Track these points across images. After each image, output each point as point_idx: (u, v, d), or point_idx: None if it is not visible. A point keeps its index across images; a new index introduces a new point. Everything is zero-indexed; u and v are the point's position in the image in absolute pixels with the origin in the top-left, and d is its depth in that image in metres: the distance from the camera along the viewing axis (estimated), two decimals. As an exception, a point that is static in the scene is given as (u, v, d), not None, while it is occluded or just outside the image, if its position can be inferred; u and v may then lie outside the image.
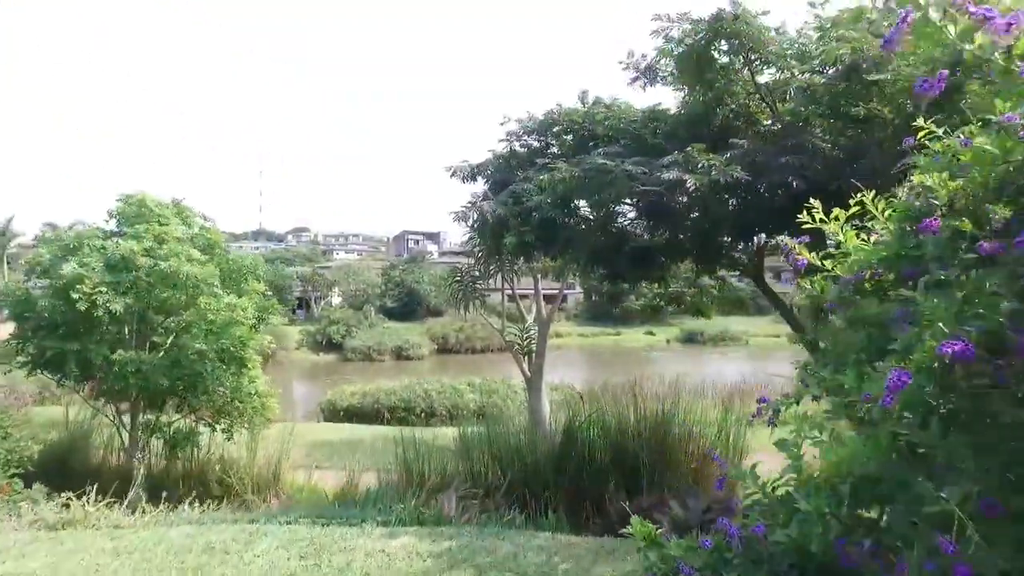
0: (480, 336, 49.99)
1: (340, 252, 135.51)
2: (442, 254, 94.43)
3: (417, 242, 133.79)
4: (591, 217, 6.73)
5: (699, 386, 26.82)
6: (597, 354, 51.32)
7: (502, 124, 7.16)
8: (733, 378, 28.52)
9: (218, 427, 9.84)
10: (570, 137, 6.92)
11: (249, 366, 9.49)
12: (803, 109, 5.51)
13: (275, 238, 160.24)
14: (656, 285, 9.04)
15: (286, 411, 25.16)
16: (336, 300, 67.94)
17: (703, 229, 6.20)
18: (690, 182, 4.95)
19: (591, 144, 6.38)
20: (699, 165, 5.21)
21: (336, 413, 23.39)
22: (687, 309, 9.30)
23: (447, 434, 10.28)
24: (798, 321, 7.37)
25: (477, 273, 14.43)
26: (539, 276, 14.71)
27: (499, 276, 15.18)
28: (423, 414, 21.91)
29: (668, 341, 56.61)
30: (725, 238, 6.69)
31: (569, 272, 11.58)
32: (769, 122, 6.02)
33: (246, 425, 9.88)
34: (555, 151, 6.86)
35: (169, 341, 8.76)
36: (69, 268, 8.22)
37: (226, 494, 9.81)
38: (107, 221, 9.49)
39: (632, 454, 8.37)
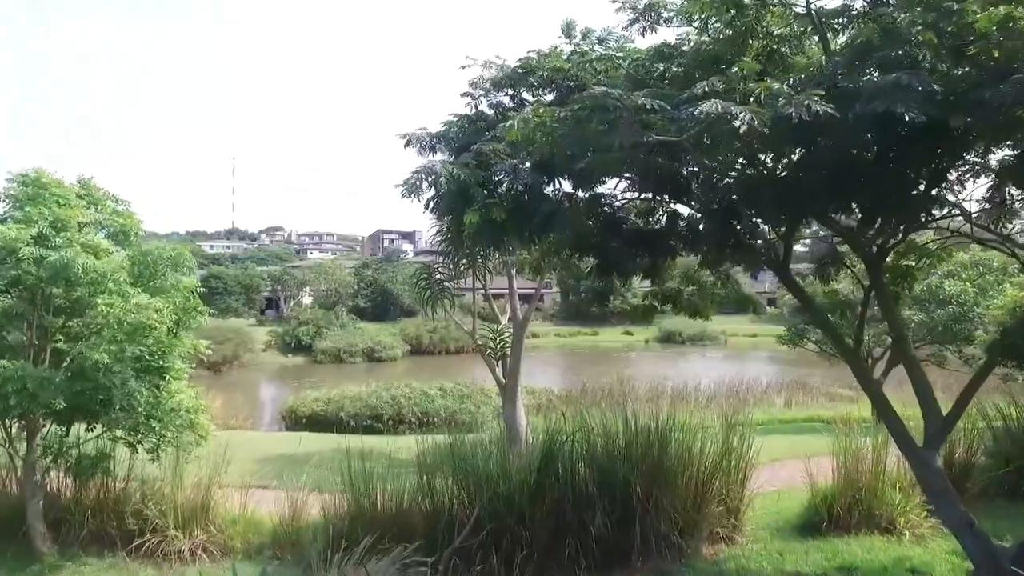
0: (455, 337, 48.57)
1: (314, 251, 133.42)
2: (417, 253, 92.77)
3: (392, 241, 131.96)
4: (581, 193, 5.40)
5: (683, 389, 26.00)
6: (575, 355, 50.32)
7: (464, 68, 5.76)
8: (716, 379, 27.63)
9: (140, 447, 8.33)
10: (551, 95, 5.55)
11: (170, 377, 7.99)
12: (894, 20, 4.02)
13: (248, 237, 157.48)
14: (651, 281, 7.74)
15: (246, 419, 23.78)
16: (307, 300, 65.99)
17: (731, 204, 4.87)
18: (744, 117, 3.51)
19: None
20: (753, 95, 3.76)
21: (298, 421, 21.87)
22: (684, 310, 7.97)
23: (413, 446, 8.80)
24: (833, 329, 6.17)
25: (446, 271, 13.09)
26: (514, 274, 13.36)
27: (472, 274, 13.86)
28: (391, 421, 20.52)
29: (647, 341, 55.83)
30: (756, 221, 5.35)
31: (548, 266, 10.23)
32: (816, 61, 4.70)
33: (170, 444, 8.39)
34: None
35: (75, 349, 7.26)
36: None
37: (144, 528, 8.34)
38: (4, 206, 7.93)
39: (622, 479, 7.10)
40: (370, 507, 7.57)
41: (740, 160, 4.86)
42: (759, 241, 5.66)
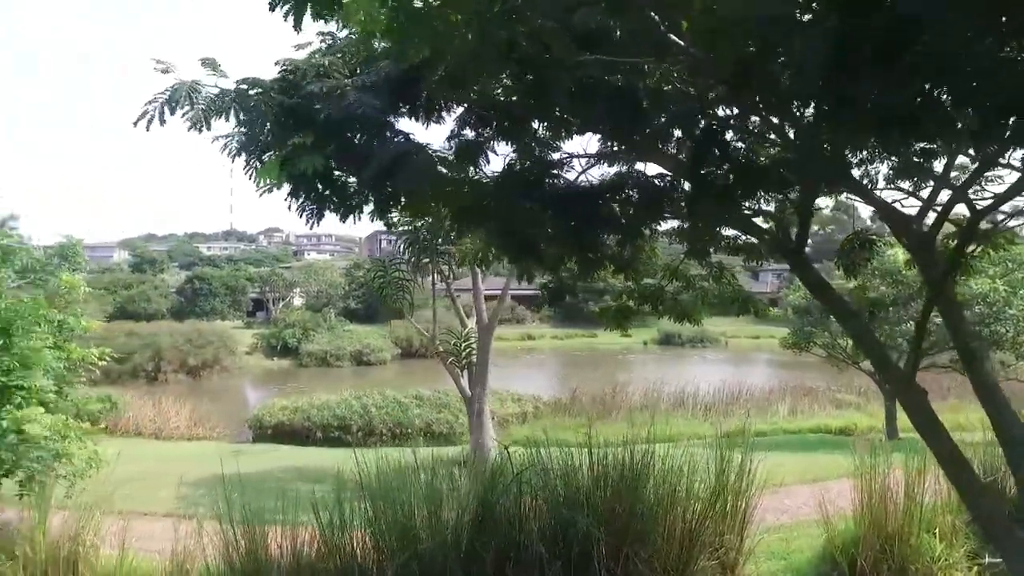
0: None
1: (312, 253, 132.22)
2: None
3: (390, 242, 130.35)
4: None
5: (680, 394, 24.31)
6: (570, 358, 48.69)
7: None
8: (716, 384, 25.91)
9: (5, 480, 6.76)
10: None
11: (20, 400, 6.37)
12: None
13: (246, 239, 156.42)
14: (623, 277, 6.07)
15: (213, 428, 22.16)
16: (298, 302, 64.33)
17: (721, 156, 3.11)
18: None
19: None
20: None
21: (264, 431, 20.24)
22: (668, 312, 6.30)
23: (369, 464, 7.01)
24: (874, 342, 4.49)
25: (404, 268, 11.50)
26: (480, 272, 11.72)
27: (432, 272, 12.26)
28: (360, 433, 18.80)
29: (645, 343, 54.08)
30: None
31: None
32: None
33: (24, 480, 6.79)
34: None
35: None
36: None
37: (-7, 587, 6.71)
38: None
39: (584, 532, 5.42)
40: (265, 561, 5.91)
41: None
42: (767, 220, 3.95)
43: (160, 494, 11.12)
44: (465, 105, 3.96)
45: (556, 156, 4.67)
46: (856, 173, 4.84)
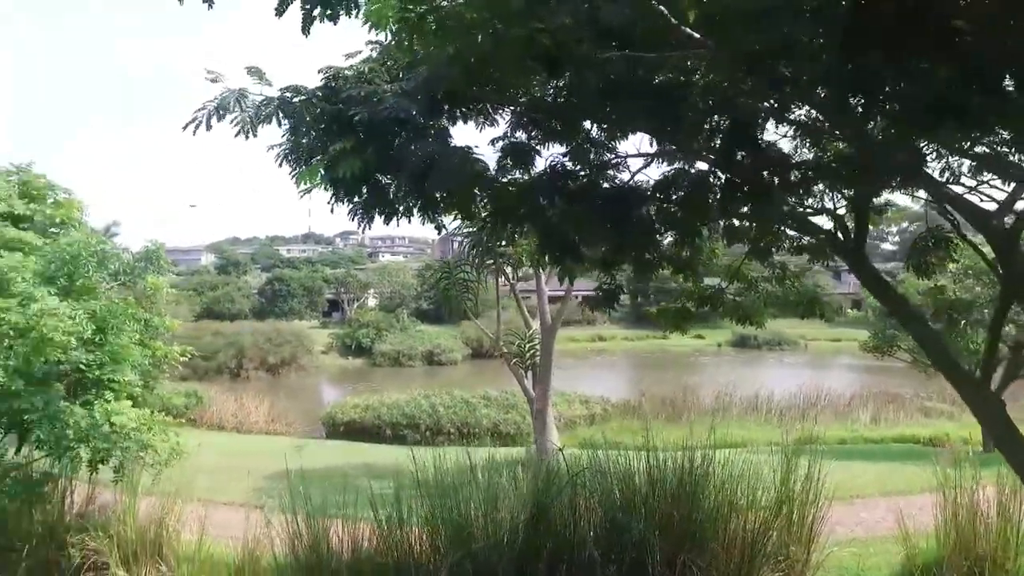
0: (516, 340, 47.06)
1: (386, 255, 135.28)
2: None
3: (462, 243, 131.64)
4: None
5: (753, 399, 23.51)
6: (642, 360, 47.99)
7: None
8: (792, 389, 24.90)
9: (79, 467, 7.29)
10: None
11: (111, 394, 6.85)
12: None
13: (324, 241, 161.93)
14: (683, 278, 5.95)
15: (290, 424, 23.11)
16: (372, 303, 66.13)
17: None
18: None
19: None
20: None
21: (336, 428, 20.95)
22: (729, 314, 6.13)
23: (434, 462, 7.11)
24: (940, 346, 4.23)
25: (469, 269, 11.67)
26: (543, 273, 11.72)
27: (496, 273, 12.37)
28: (428, 431, 19.16)
29: (719, 345, 52.66)
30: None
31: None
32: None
33: (115, 466, 7.31)
34: None
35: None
36: None
37: (86, 564, 7.26)
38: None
39: (639, 537, 5.35)
40: (327, 553, 6.13)
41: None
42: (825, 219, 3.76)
43: (237, 485, 11.67)
44: (514, 108, 3.99)
45: (608, 156, 4.62)
46: (936, 168, 4.59)
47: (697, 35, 2.56)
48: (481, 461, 8.62)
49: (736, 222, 4.87)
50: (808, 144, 3.83)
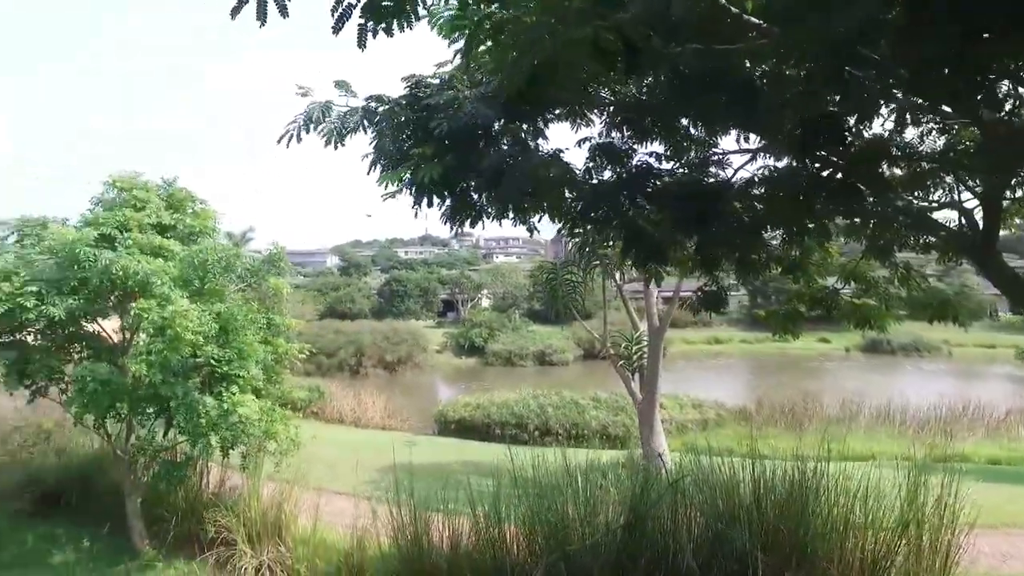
0: (628, 341, 46.26)
1: (500, 256, 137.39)
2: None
3: (566, 243, 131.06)
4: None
5: (884, 409, 21.62)
6: (760, 364, 45.67)
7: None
8: (933, 400, 22.66)
9: (211, 451, 7.97)
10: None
11: (236, 387, 7.42)
12: None
13: (439, 243, 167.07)
14: (792, 279, 5.61)
15: (404, 420, 24.03)
16: (486, 303, 67.45)
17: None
18: None
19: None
20: None
21: (448, 426, 21.53)
22: (845, 317, 5.69)
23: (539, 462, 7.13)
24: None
25: (576, 270, 11.64)
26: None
27: (604, 274, 12.23)
28: (536, 432, 19.25)
29: (847, 350, 49.16)
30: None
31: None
32: None
33: (247, 454, 7.97)
34: None
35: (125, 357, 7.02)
36: (0, 262, 6.78)
37: (219, 539, 7.96)
38: (91, 209, 7.99)
39: (741, 549, 5.09)
40: (428, 547, 6.32)
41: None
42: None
43: (350, 476, 12.27)
44: (604, 108, 3.92)
45: (706, 153, 4.44)
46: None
47: (761, 22, 2.39)
48: (583, 463, 8.58)
49: (855, 220, 4.51)
50: (927, 132, 3.47)
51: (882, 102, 2.94)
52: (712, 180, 4.24)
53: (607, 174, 3.97)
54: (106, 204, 7.74)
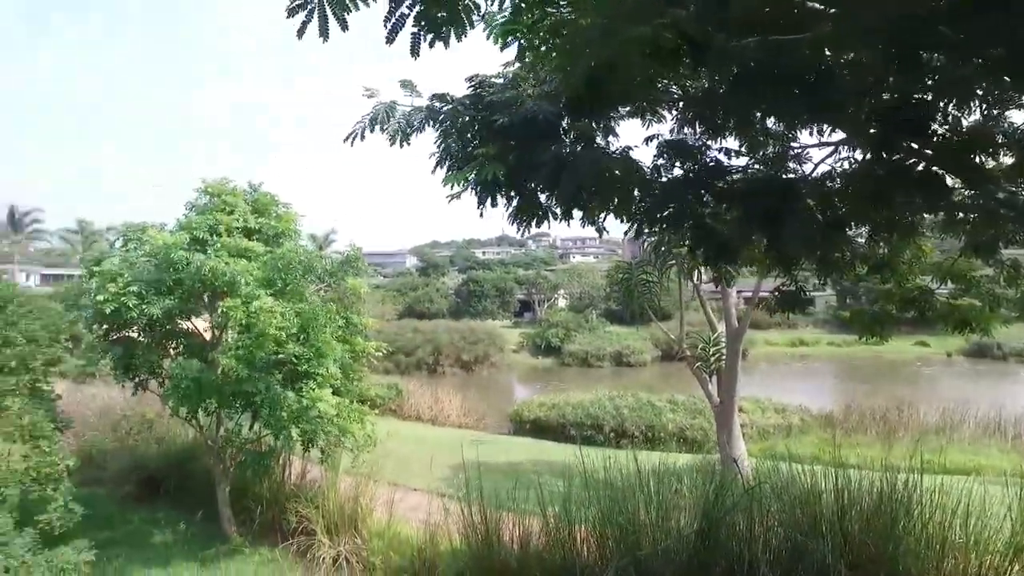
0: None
1: (576, 256, 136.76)
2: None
3: (643, 243, 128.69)
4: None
5: (994, 418, 19.96)
6: (851, 367, 43.35)
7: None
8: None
9: (293, 444, 8.31)
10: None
11: (314, 384, 7.70)
12: None
13: (516, 243, 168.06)
14: (880, 279, 5.27)
15: (479, 419, 24.29)
16: (562, 303, 67.31)
17: None
18: None
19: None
20: None
21: (522, 425, 21.61)
22: (941, 319, 5.29)
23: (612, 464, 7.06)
24: None
25: (651, 269, 11.44)
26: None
27: (680, 274, 11.93)
28: (612, 433, 19.02)
29: (949, 355, 45.98)
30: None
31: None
32: None
33: (322, 447, 8.26)
34: None
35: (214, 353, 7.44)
36: (107, 264, 7.34)
37: (299, 528, 8.30)
38: (185, 214, 8.52)
39: (822, 566, 4.82)
40: (498, 545, 6.34)
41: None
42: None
43: (426, 472, 12.50)
44: (673, 104, 3.80)
45: (784, 147, 4.23)
46: None
47: (824, 7, 2.22)
48: (657, 466, 8.39)
49: (954, 214, 4.19)
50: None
51: (975, 88, 2.70)
52: (789, 176, 4.03)
53: (677, 171, 3.84)
54: (198, 209, 8.24)
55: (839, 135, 4.00)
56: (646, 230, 4.05)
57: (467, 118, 3.40)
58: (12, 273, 50.20)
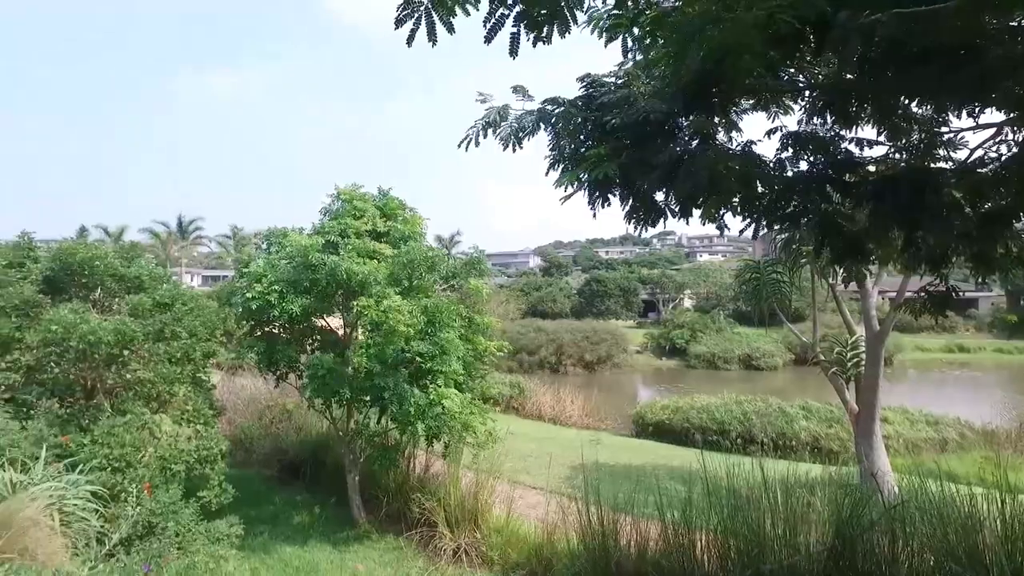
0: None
1: (703, 254, 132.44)
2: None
3: (773, 241, 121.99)
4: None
5: None
6: (1020, 378, 38.54)
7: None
8: None
9: (418, 439, 8.66)
10: None
11: (440, 381, 7.98)
12: None
13: (641, 242, 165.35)
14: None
15: (601, 420, 24.09)
16: (688, 303, 65.31)
17: None
18: None
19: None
20: None
21: (645, 427, 21.18)
22: None
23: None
24: None
25: (781, 267, 10.86)
26: (869, 272, 10.19)
27: (813, 273, 11.21)
28: (739, 439, 18.17)
29: None
30: None
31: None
32: None
33: (446, 442, 8.56)
34: None
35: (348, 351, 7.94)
36: (254, 266, 8.03)
37: (422, 519, 8.65)
38: (321, 219, 9.15)
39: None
40: (615, 548, 6.25)
41: None
42: None
43: (545, 471, 12.57)
44: (802, 93, 3.55)
45: (935, 133, 3.84)
46: None
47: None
48: (786, 476, 7.93)
49: None
50: None
51: None
52: (938, 164, 3.65)
53: (803, 165, 3.59)
54: (332, 214, 8.84)
55: (998, 116, 3.57)
56: (764, 228, 3.81)
57: (579, 119, 3.38)
58: (179, 275, 56.40)
